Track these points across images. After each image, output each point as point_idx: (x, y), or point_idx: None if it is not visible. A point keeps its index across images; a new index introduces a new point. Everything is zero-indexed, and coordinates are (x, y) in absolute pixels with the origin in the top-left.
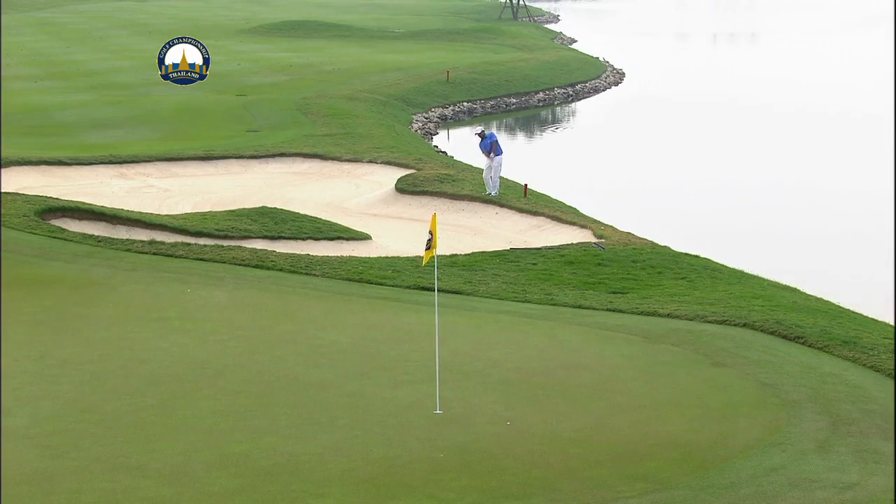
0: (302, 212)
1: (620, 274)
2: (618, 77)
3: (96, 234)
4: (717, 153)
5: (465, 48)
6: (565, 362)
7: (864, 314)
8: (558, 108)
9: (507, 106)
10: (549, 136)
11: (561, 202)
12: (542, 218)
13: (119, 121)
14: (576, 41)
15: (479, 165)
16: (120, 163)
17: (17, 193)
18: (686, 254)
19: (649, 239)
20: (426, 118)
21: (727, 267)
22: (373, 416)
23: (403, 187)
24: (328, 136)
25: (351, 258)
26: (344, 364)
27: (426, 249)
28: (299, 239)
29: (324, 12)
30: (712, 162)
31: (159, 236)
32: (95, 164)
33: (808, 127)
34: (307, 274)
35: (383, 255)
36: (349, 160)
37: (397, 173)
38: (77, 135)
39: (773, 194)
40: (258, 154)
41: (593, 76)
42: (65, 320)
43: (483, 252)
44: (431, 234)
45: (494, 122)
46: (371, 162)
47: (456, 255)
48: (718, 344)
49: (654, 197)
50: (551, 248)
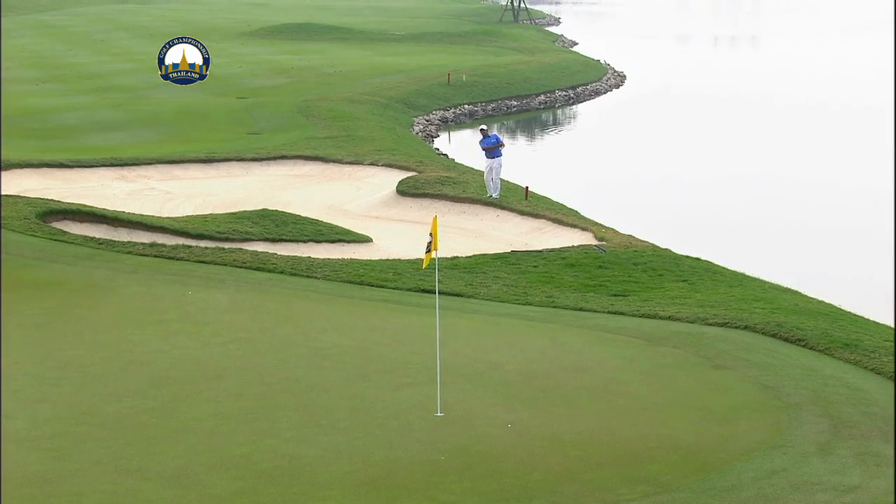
0: (303, 214)
1: (621, 276)
2: (619, 80)
3: (97, 236)
4: (717, 156)
5: (466, 51)
6: (566, 365)
7: (866, 317)
8: (559, 111)
9: (508, 108)
10: (550, 138)
11: (562, 205)
12: (543, 220)
13: (120, 123)
14: (577, 44)
15: (480, 168)
16: (121, 165)
17: (18, 196)
18: (687, 256)
19: (650, 241)
20: (427, 121)
21: (728, 269)
22: (374, 419)
23: (404, 190)
24: (329, 138)
25: (352, 261)
26: (345, 366)
27: (427, 252)
28: (300, 241)
29: (325, 15)
30: (713, 165)
31: (160, 239)
32: (97, 166)
33: (809, 129)
34: (308, 276)
35: (384, 258)
36: (350, 162)
37: (398, 176)
38: (78, 137)
39: (774, 197)
40: (259, 156)
41: (594, 79)
42: (66, 323)
43: (484, 254)
44: (432, 237)
45: (496, 125)
46: (372, 164)
47: (457, 257)
48: (719, 346)
49: (655, 199)
50: (552, 250)
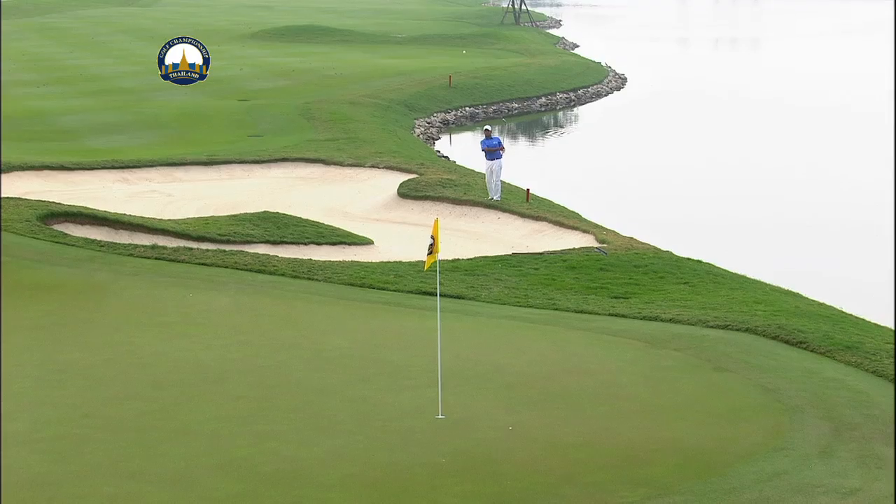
0: (304, 216)
1: (623, 279)
2: (620, 82)
3: (98, 238)
4: (719, 158)
5: (467, 53)
6: (567, 367)
7: (867, 319)
8: (560, 113)
9: (509, 111)
10: (552, 140)
11: (563, 207)
12: (544, 223)
13: (121, 125)
14: (578, 46)
15: (482, 170)
16: (122, 167)
17: (19, 198)
18: (688, 259)
19: (651, 244)
20: (428, 123)
21: (729, 272)
22: (375, 421)
23: (406, 192)
24: (330, 140)
25: (353, 263)
26: (346, 369)
27: (428, 254)
28: (301, 244)
29: (326, 17)
30: (714, 167)
31: (161, 241)
32: (98, 168)
33: (810, 130)
34: (309, 279)
35: (385, 260)
36: (351, 165)
37: (399, 178)
38: (79, 139)
39: (776, 199)
40: (261, 159)
41: (595, 81)
42: (66, 325)
43: (485, 257)
44: (433, 239)
45: (497, 127)
46: (373, 167)
47: (458, 259)
48: (721, 349)
49: (656, 202)
50: (553, 252)
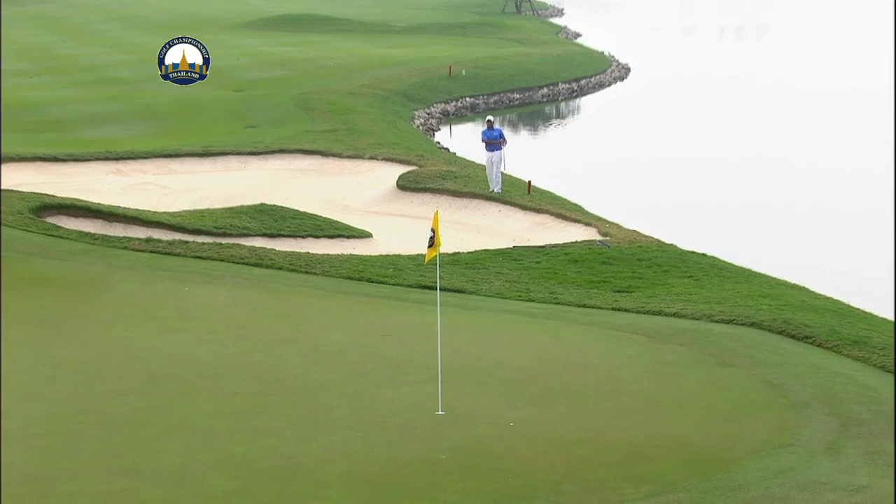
0: (302, 209)
1: (626, 272)
2: (623, 72)
3: (92, 231)
4: (724, 149)
5: (467, 42)
6: (569, 362)
7: (875, 313)
8: (563, 104)
9: (510, 101)
10: (554, 132)
11: (565, 199)
12: (545, 215)
13: (116, 116)
14: (580, 35)
15: (482, 162)
16: (116, 159)
17: (11, 190)
18: (692, 252)
19: (655, 237)
20: (428, 114)
21: (734, 265)
22: (373, 417)
23: (405, 184)
24: (328, 132)
25: (351, 256)
26: (344, 364)
27: (428, 247)
28: (299, 237)
29: (324, 6)
30: (719, 158)
31: (156, 234)
32: (91, 160)
33: (816, 121)
34: (307, 272)
35: (384, 254)
36: (350, 157)
37: (399, 170)
38: (73, 131)
39: (782, 192)
40: (257, 150)
41: (598, 71)
42: (60, 319)
43: (486, 250)
44: (434, 232)
45: (498, 118)
46: (372, 158)
47: (458, 253)
48: (725, 344)
49: (660, 194)
50: (555, 246)
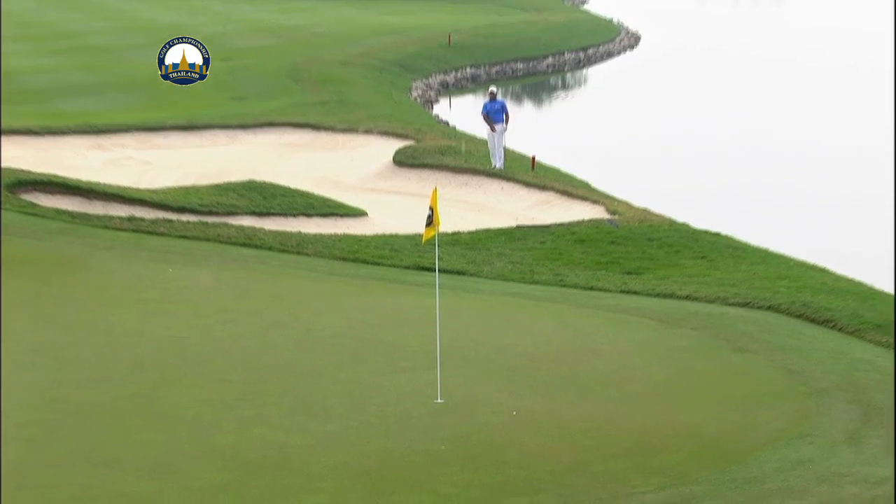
0: (292, 186)
1: (635, 253)
2: (633, 40)
3: (70, 209)
4: (739, 123)
5: (467, 9)
6: (576, 348)
7: None
8: (569, 75)
9: (513, 72)
10: (559, 104)
11: (571, 176)
12: (550, 193)
13: (95, 87)
14: (587, 1)
15: (483, 136)
16: (96, 133)
17: None
18: (706, 231)
19: (666, 215)
20: (426, 85)
21: (750, 245)
22: (369, 406)
23: (402, 160)
24: (320, 104)
25: (345, 236)
26: (338, 350)
27: (427, 226)
28: (290, 215)
29: None
30: (734, 133)
31: (139, 212)
32: (69, 133)
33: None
34: (298, 253)
35: (380, 233)
36: (343, 131)
37: (395, 145)
38: (49, 102)
39: (800, 168)
40: (245, 124)
41: (606, 39)
42: (37, 303)
43: (487, 230)
44: (432, 211)
45: (500, 90)
46: (367, 132)
47: (458, 232)
48: (741, 328)
49: (671, 170)
50: (561, 225)
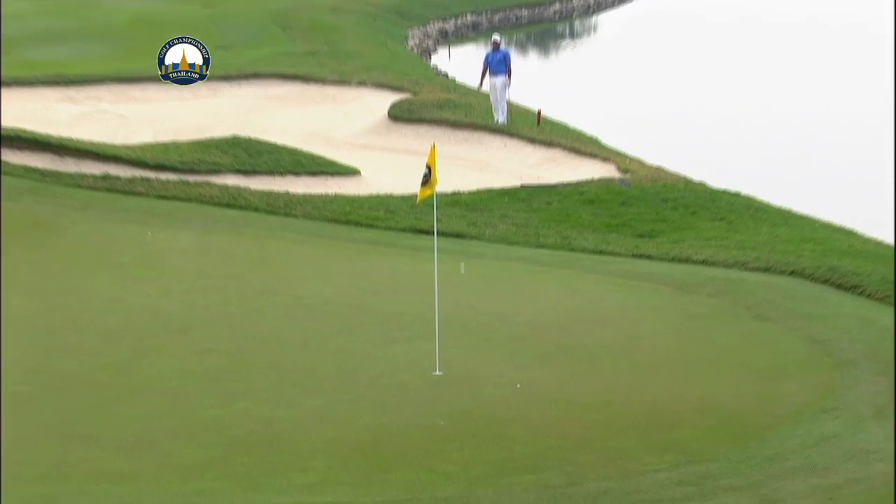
0: (280, 142)
1: (648, 214)
2: None
3: (40, 166)
4: (760, 73)
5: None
6: (584, 316)
7: None
8: (577, 22)
9: (517, 19)
10: (567, 54)
11: (580, 131)
12: (557, 150)
13: (66, 34)
14: None
15: (485, 88)
16: (67, 84)
17: None
18: (725, 191)
19: (682, 174)
20: (424, 33)
21: (772, 206)
22: (362, 378)
23: (398, 114)
24: (310, 54)
25: (337, 196)
26: (329, 318)
27: (423, 185)
28: (277, 174)
29: None
30: (755, 83)
31: (114, 170)
32: (38, 85)
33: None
34: (286, 214)
35: (374, 193)
36: (334, 83)
37: (390, 98)
38: (15, 50)
39: (827, 122)
40: (229, 75)
41: None
42: (5, 267)
43: (489, 189)
44: (430, 169)
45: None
46: (360, 85)
47: (458, 192)
48: (761, 294)
49: (687, 125)
50: (568, 184)
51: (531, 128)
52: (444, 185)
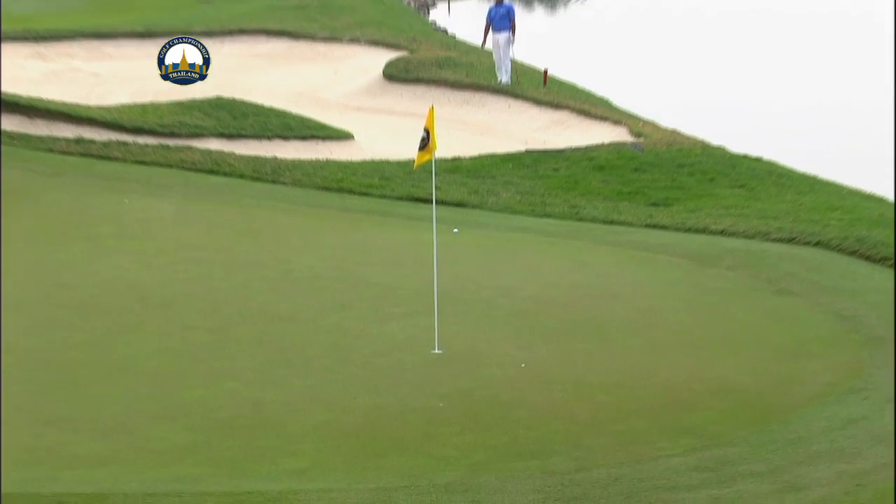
0: (267, 104)
1: (663, 181)
2: None
3: (8, 129)
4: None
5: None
6: (593, 291)
7: None
8: None
9: None
10: (575, 9)
11: (589, 92)
12: (565, 112)
13: None
14: None
15: (488, 46)
16: (36, 39)
17: None
18: (745, 156)
19: (699, 137)
20: None
21: (796, 172)
22: (356, 357)
23: (393, 74)
24: (299, 8)
25: (328, 162)
26: (320, 293)
27: (420, 150)
28: (264, 138)
29: None
30: (779, 40)
31: (88, 133)
32: (5, 40)
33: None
34: (274, 182)
35: (368, 159)
36: (325, 39)
37: (386, 56)
38: None
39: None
40: (211, 31)
41: None
42: None
43: (492, 154)
44: (428, 133)
45: None
46: (353, 42)
47: (458, 158)
48: (784, 267)
49: (704, 85)
50: (577, 149)
51: (537, 88)
52: (444, 150)
